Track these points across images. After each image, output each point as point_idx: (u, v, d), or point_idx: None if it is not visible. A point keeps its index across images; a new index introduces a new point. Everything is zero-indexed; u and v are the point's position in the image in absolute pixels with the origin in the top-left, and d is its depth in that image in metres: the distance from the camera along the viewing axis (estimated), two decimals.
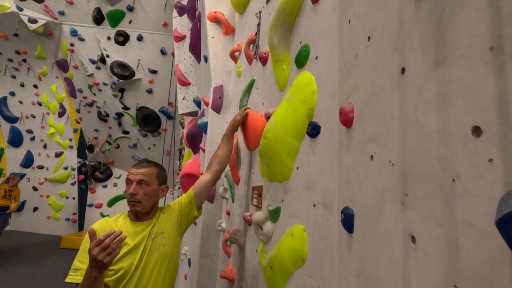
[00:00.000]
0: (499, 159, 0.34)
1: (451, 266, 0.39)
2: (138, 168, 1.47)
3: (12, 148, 8.44)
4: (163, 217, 1.53)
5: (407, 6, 0.54)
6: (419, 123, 0.47)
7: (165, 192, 1.55)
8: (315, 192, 1.09)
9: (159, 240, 1.45)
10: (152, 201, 1.46)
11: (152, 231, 1.45)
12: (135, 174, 1.45)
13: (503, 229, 0.32)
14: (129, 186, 1.44)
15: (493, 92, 0.35)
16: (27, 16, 6.65)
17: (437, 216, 0.42)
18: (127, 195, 1.44)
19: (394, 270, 0.53)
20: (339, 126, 0.92)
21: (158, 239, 1.45)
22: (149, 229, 1.45)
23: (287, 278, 1.24)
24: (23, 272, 5.26)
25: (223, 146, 1.77)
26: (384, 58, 0.63)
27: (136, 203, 1.42)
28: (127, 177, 1.47)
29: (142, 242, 1.40)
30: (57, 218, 8.37)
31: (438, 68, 0.43)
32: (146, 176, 1.44)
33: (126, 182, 1.47)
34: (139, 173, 1.45)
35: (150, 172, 1.46)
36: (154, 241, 1.43)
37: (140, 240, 1.41)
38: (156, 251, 1.42)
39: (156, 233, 1.45)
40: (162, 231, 1.48)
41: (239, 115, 1.75)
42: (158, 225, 1.48)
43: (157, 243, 1.44)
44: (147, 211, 1.47)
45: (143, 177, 1.44)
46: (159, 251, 1.43)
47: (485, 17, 0.36)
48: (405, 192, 0.51)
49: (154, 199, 1.48)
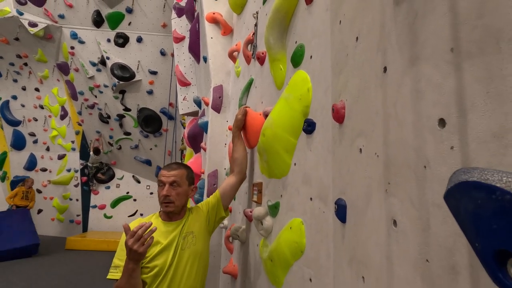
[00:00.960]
0: (458, 146, 0.38)
1: (424, 243, 0.44)
2: (169, 170, 1.54)
3: (15, 151, 8.53)
4: (192, 217, 1.60)
5: (388, 9, 0.58)
6: (398, 117, 0.52)
7: (194, 192, 1.62)
8: (312, 186, 1.13)
9: (189, 239, 1.52)
10: (183, 201, 1.54)
11: (183, 230, 1.52)
12: (167, 176, 1.52)
13: (448, 201, 0.36)
14: (161, 188, 1.51)
15: (453, 88, 0.39)
16: (28, 20, 6.71)
17: (413, 200, 0.47)
18: (161, 197, 1.51)
19: (380, 252, 0.58)
20: (332, 122, 0.96)
21: (188, 238, 1.52)
22: (179, 228, 1.52)
23: (287, 270, 1.29)
24: (30, 273, 5.34)
25: (236, 147, 1.82)
26: (370, 58, 0.67)
27: (169, 204, 1.49)
28: (159, 179, 1.54)
29: (174, 241, 1.48)
30: (61, 219, 8.46)
31: (412, 66, 0.48)
32: (177, 177, 1.52)
33: (158, 184, 1.54)
34: (171, 175, 1.51)
35: (181, 174, 1.54)
36: (185, 240, 1.50)
37: (172, 239, 1.48)
38: (188, 250, 1.49)
39: (186, 232, 1.52)
40: (192, 230, 1.55)
41: (240, 114, 1.80)
42: (188, 224, 1.55)
43: (188, 242, 1.51)
44: (179, 211, 1.54)
45: (175, 178, 1.51)
46: (190, 250, 1.50)
47: (446, 22, 0.40)
48: (388, 180, 0.56)
49: (185, 199, 1.56)
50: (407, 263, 0.49)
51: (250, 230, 1.84)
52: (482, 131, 0.35)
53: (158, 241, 1.44)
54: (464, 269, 0.37)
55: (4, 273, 5.33)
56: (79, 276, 5.04)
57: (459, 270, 0.38)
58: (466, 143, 0.37)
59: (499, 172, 0.30)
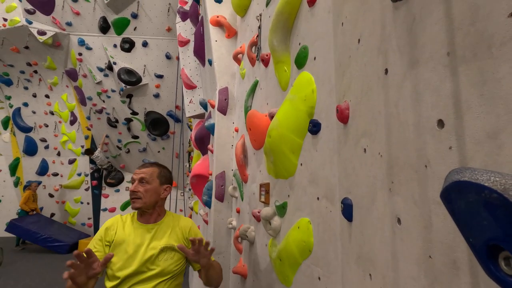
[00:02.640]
0: (456, 146, 0.40)
1: (427, 240, 0.46)
2: (140, 168, 1.57)
3: (27, 157, 8.72)
4: (172, 227, 1.52)
5: (387, 13, 0.60)
6: (400, 118, 0.54)
7: (167, 191, 1.57)
8: (318, 186, 1.15)
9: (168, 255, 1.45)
10: (152, 199, 1.50)
11: (155, 236, 1.47)
12: (137, 173, 1.54)
13: (443, 200, 0.38)
14: (131, 185, 1.54)
15: (450, 90, 0.41)
16: (36, 29, 6.87)
17: (415, 198, 0.49)
18: (130, 193, 1.52)
19: (385, 250, 0.59)
20: (337, 122, 0.98)
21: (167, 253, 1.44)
22: (150, 233, 1.47)
23: (296, 269, 1.30)
24: (44, 275, 5.47)
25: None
26: (371, 60, 0.69)
27: (136, 200, 1.48)
28: (131, 177, 1.57)
29: (140, 247, 1.43)
30: (73, 223, 8.62)
31: (412, 69, 0.50)
32: (147, 174, 1.52)
33: (132, 183, 1.56)
34: (141, 172, 1.54)
35: (151, 171, 1.54)
36: (163, 253, 1.43)
37: (139, 245, 1.43)
38: (160, 265, 1.41)
39: (165, 245, 1.45)
40: (167, 244, 1.46)
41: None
42: (163, 232, 1.49)
43: (165, 256, 1.44)
44: (148, 208, 1.50)
45: (144, 175, 1.52)
46: (163, 267, 1.42)
47: (442, 27, 0.42)
48: (391, 179, 0.57)
49: (155, 197, 1.51)
50: (411, 260, 0.50)
51: (258, 230, 1.86)
52: (478, 132, 0.37)
53: (124, 242, 1.42)
54: (465, 265, 0.38)
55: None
56: None
57: (459, 265, 0.39)
58: (464, 143, 0.38)
59: (488, 172, 0.31)
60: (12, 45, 7.20)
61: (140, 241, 1.45)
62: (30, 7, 6.76)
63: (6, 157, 8.80)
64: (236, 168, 2.39)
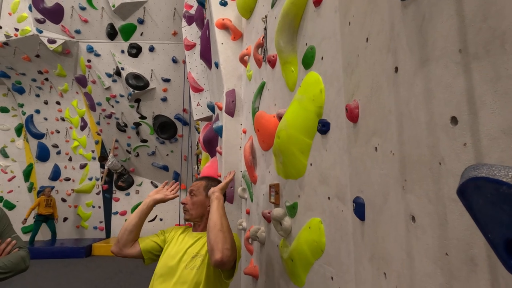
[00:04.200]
0: (471, 143, 0.40)
1: (443, 237, 0.46)
2: (194, 181, 1.67)
3: (40, 163, 8.92)
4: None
5: (396, 11, 0.60)
6: (411, 116, 0.54)
7: None
8: (329, 186, 1.15)
9: (198, 261, 1.45)
10: (199, 210, 1.58)
11: (195, 244, 1.51)
12: (191, 186, 1.65)
13: (460, 196, 0.38)
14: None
15: (463, 87, 0.41)
16: (47, 37, 7.04)
17: (430, 196, 0.49)
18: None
19: (400, 248, 0.59)
20: (347, 122, 0.98)
21: (197, 259, 1.45)
22: (193, 240, 1.53)
23: (308, 269, 1.30)
24: (59, 279, 5.57)
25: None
26: (380, 58, 0.69)
27: (185, 212, 1.60)
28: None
29: (180, 251, 1.48)
30: (85, 226, 8.77)
31: (423, 67, 0.50)
32: (195, 187, 1.62)
33: None
34: (192, 185, 1.65)
35: (199, 184, 1.63)
36: (192, 260, 1.44)
37: (180, 248, 1.50)
38: (192, 272, 1.42)
39: (197, 252, 1.47)
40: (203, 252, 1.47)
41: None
42: (204, 240, 1.50)
43: (194, 263, 1.45)
44: (196, 220, 1.59)
45: (193, 188, 1.62)
46: (194, 273, 1.42)
47: (454, 24, 0.42)
48: (404, 177, 0.57)
49: (201, 209, 1.58)
50: (427, 258, 0.50)
51: (269, 231, 1.86)
52: (493, 128, 0.37)
53: (171, 242, 1.53)
54: (483, 261, 0.38)
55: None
56: (106, 281, 5.24)
57: (477, 262, 0.39)
58: (478, 140, 0.38)
59: (505, 168, 0.31)
60: (23, 54, 7.39)
61: (183, 245, 1.52)
62: (40, 17, 6.93)
63: (20, 164, 9.01)
64: (245, 170, 2.40)
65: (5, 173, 8.88)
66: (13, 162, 9.03)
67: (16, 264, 1.48)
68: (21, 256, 1.52)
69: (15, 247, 1.53)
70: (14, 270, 1.47)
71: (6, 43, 7.11)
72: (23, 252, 1.55)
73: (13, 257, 1.49)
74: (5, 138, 8.97)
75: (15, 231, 1.63)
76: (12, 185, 8.81)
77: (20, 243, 1.57)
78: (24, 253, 1.54)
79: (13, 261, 1.47)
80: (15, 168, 9.00)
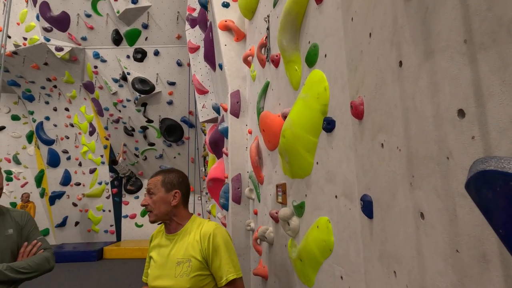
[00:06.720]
0: (479, 136, 0.38)
1: (453, 234, 0.44)
2: (149, 179, 1.50)
3: (51, 168, 9.08)
4: (191, 234, 1.42)
5: (399, 4, 0.59)
6: (417, 110, 0.52)
7: (177, 197, 1.44)
8: (336, 184, 1.14)
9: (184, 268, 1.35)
10: (162, 209, 1.41)
11: (175, 247, 1.40)
12: (147, 185, 1.49)
13: (469, 191, 0.36)
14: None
15: (469, 79, 0.39)
16: (54, 45, 7.17)
17: (438, 191, 0.47)
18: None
19: (409, 245, 0.58)
20: (352, 119, 0.97)
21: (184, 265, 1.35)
22: (171, 245, 1.42)
23: (317, 269, 1.29)
24: (71, 282, 5.66)
25: None
26: (384, 53, 0.68)
27: (149, 213, 1.44)
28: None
29: (166, 262, 1.38)
30: (96, 230, 8.89)
31: (427, 60, 0.48)
32: (151, 185, 1.45)
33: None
34: (148, 183, 1.48)
35: (155, 181, 1.45)
36: (179, 267, 1.35)
37: (165, 260, 1.39)
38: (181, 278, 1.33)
39: (182, 257, 1.36)
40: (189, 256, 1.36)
41: None
42: (182, 241, 1.40)
43: (183, 270, 1.34)
44: (164, 219, 1.44)
45: (150, 186, 1.45)
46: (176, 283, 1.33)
47: (458, 14, 0.40)
48: (412, 173, 0.56)
49: (165, 206, 1.42)
50: (437, 255, 0.49)
51: (277, 231, 1.85)
52: (501, 119, 0.35)
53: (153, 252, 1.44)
54: (495, 257, 0.37)
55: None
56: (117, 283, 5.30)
57: (490, 258, 0.38)
58: (487, 132, 0.37)
59: None
60: (32, 63, 7.55)
61: (164, 251, 1.42)
62: (48, 25, 7.07)
63: (32, 170, 9.20)
64: (252, 170, 2.40)
65: (18, 179, 9.07)
66: (25, 169, 9.22)
67: (40, 265, 1.54)
68: (45, 257, 1.58)
69: (40, 249, 1.59)
70: (39, 270, 1.54)
71: (16, 52, 7.28)
72: (48, 253, 1.61)
73: (37, 258, 1.55)
74: (17, 145, 9.17)
75: (40, 233, 1.69)
76: (24, 191, 8.99)
77: (45, 244, 1.64)
78: (48, 254, 1.61)
79: (37, 261, 1.54)
80: (27, 174, 9.19)
